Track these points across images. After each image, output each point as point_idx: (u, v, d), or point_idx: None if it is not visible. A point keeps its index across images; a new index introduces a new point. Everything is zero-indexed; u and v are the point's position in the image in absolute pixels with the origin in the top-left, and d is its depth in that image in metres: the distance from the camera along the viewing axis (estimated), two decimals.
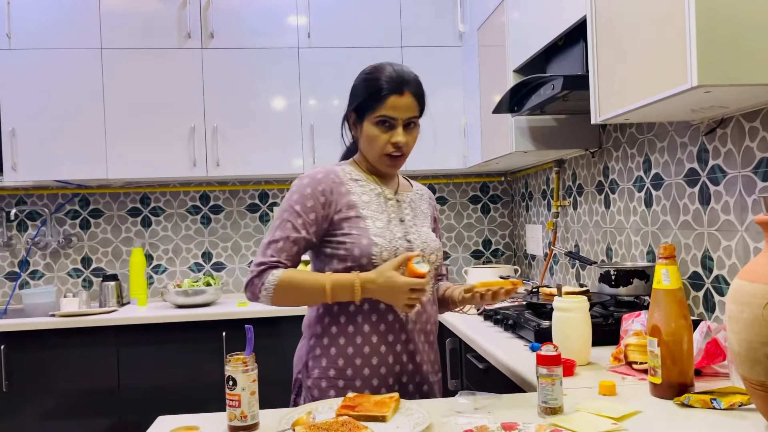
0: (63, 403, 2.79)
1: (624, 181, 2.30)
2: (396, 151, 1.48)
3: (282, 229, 1.44)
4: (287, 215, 1.45)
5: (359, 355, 1.44)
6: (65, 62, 3.03)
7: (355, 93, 1.51)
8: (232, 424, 1.17)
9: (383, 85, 1.45)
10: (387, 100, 1.44)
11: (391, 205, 1.54)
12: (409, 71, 1.50)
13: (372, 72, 1.49)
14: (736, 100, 1.49)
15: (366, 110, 1.47)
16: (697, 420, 1.14)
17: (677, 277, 1.27)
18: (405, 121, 1.47)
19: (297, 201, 1.45)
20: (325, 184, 1.47)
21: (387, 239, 1.45)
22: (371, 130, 1.47)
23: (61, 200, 3.41)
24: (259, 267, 1.42)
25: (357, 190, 1.51)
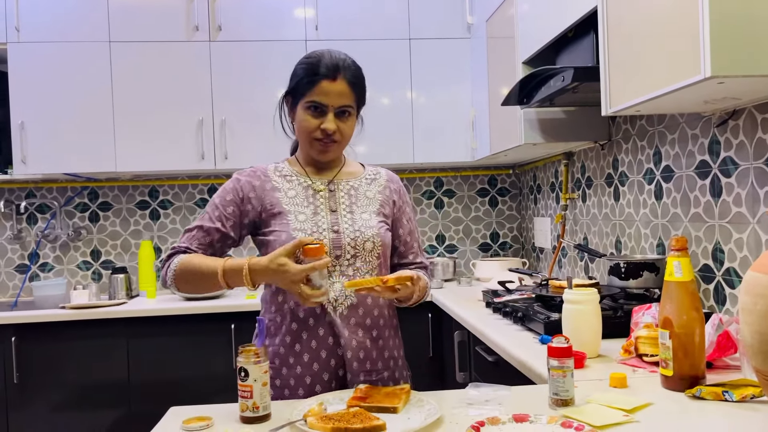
0: (73, 395, 2.81)
1: (634, 174, 2.29)
2: (325, 138, 1.45)
3: (200, 220, 1.48)
4: (207, 208, 1.50)
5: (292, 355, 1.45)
6: (74, 55, 3.04)
7: (290, 80, 1.49)
8: (244, 414, 1.18)
9: (316, 69, 1.42)
10: (318, 84, 1.41)
11: (320, 197, 1.51)
12: (349, 59, 1.47)
13: (308, 57, 1.47)
14: (750, 91, 1.47)
15: (298, 95, 1.45)
16: (709, 412, 1.14)
17: (689, 270, 1.26)
18: (337, 108, 1.44)
19: (218, 195, 1.50)
20: (246, 183, 1.49)
21: (307, 232, 1.44)
22: (302, 115, 1.45)
23: (70, 193, 3.42)
24: (168, 253, 1.46)
25: (284, 186, 1.51)
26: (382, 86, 3.18)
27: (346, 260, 1.47)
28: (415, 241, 1.64)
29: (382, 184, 1.61)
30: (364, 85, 1.50)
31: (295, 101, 1.47)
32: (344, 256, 1.46)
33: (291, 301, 1.46)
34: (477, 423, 1.09)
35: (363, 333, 1.47)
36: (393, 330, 1.56)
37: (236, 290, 3.33)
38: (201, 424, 1.15)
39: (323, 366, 1.45)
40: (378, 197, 1.58)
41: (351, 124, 1.49)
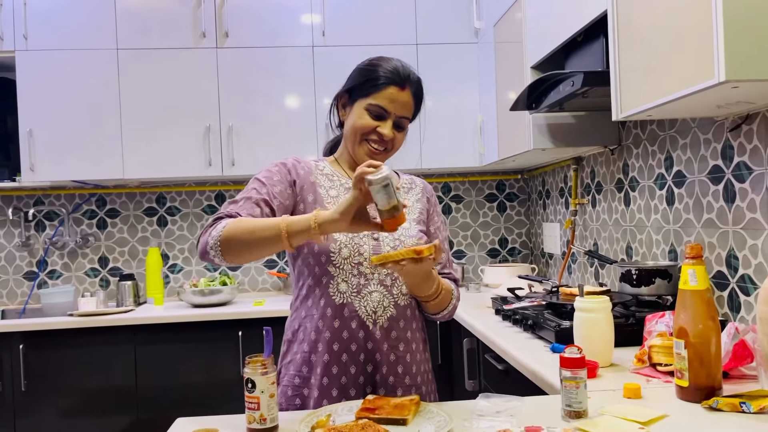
0: (81, 402, 2.80)
1: (644, 179, 2.27)
2: (379, 144, 1.40)
3: (246, 193, 1.38)
4: (251, 185, 1.39)
5: (320, 364, 1.38)
6: (82, 63, 3.04)
7: (352, 75, 1.45)
8: (251, 426, 1.16)
9: (386, 73, 1.39)
10: (386, 89, 1.38)
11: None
12: (415, 71, 1.45)
13: (378, 60, 1.43)
14: (764, 95, 1.45)
15: (360, 94, 1.40)
16: (726, 424, 1.11)
17: (705, 278, 1.23)
18: (397, 117, 1.40)
19: (263, 175, 1.41)
20: (292, 167, 1.44)
21: (349, 236, 1.38)
22: (359, 114, 1.39)
23: (78, 200, 3.42)
24: (212, 218, 1.33)
25: (325, 183, 1.46)
26: None
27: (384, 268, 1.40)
28: (445, 251, 1.56)
29: (419, 193, 1.57)
30: (423, 100, 1.48)
31: (353, 100, 1.42)
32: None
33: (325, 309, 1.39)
34: None
35: (403, 347, 1.42)
36: (424, 343, 1.52)
37: (243, 297, 3.32)
38: None
39: (351, 381, 1.39)
40: (417, 206, 1.54)
41: (403, 137, 1.44)
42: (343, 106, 1.46)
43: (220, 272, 3.47)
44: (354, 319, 1.38)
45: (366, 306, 1.39)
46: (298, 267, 1.44)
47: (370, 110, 1.39)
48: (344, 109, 1.45)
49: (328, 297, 1.39)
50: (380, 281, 1.41)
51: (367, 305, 1.39)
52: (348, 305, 1.38)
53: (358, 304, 1.38)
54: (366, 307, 1.39)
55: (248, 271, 3.51)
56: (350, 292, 1.38)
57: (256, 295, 3.39)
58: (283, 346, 1.47)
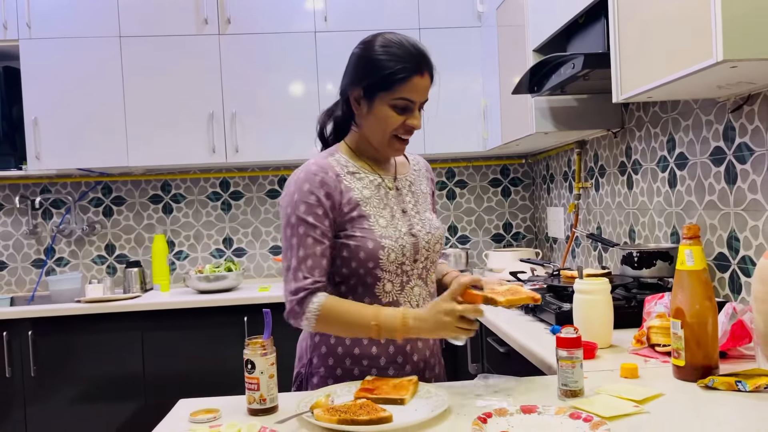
0: (89, 387, 2.84)
1: (647, 162, 2.26)
2: (407, 135, 1.37)
3: (304, 246, 1.31)
4: (303, 229, 1.32)
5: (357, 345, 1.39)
6: (85, 51, 3.05)
7: (362, 67, 1.34)
8: (251, 407, 1.18)
9: (405, 62, 1.30)
10: (409, 80, 1.30)
11: (392, 196, 1.42)
12: (423, 45, 1.36)
13: (388, 45, 1.32)
14: (764, 75, 1.44)
15: (380, 90, 1.32)
16: (721, 402, 1.12)
17: (701, 258, 1.24)
18: (421, 103, 1.37)
19: (306, 212, 1.32)
20: (326, 186, 1.34)
21: (393, 239, 1.36)
22: (385, 112, 1.33)
23: (84, 188, 3.45)
24: (296, 295, 1.30)
25: (356, 185, 1.38)
26: None
27: (421, 263, 1.42)
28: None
29: (424, 175, 1.55)
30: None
31: (373, 94, 1.33)
32: (420, 259, 1.41)
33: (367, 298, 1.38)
34: (484, 414, 1.08)
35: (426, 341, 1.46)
36: None
37: (249, 283, 3.35)
38: (208, 416, 1.15)
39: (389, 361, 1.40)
40: (427, 190, 1.53)
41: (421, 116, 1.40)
42: (356, 101, 1.37)
43: (225, 259, 3.50)
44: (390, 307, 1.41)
45: (410, 301, 1.41)
46: (336, 267, 1.38)
47: (397, 105, 1.33)
48: (358, 104, 1.37)
49: (374, 297, 1.38)
50: (418, 275, 1.43)
51: (411, 300, 1.41)
52: (394, 303, 1.39)
53: (403, 300, 1.40)
54: (410, 302, 1.41)
55: (254, 258, 3.53)
56: (395, 291, 1.39)
57: (261, 281, 3.42)
58: (315, 336, 1.43)
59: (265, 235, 3.54)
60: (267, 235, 3.54)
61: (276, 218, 3.55)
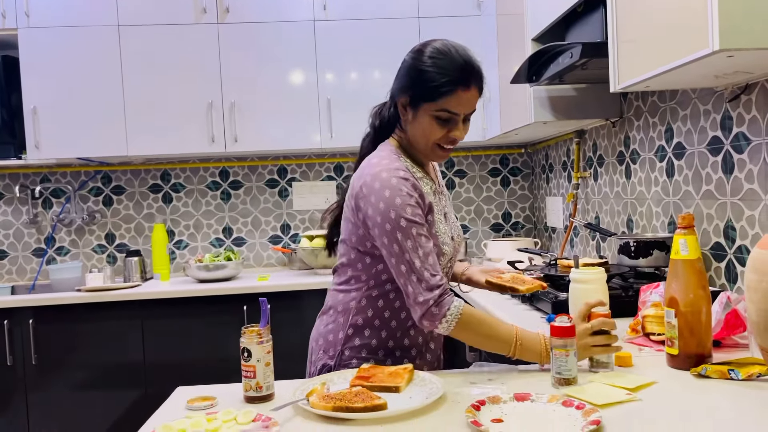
0: (90, 376, 2.86)
1: (645, 151, 2.26)
2: (450, 145, 1.38)
3: (422, 246, 1.29)
4: (416, 230, 1.29)
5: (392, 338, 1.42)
6: (83, 39, 3.05)
7: (411, 75, 1.35)
8: (248, 394, 1.19)
9: (450, 75, 1.31)
10: (453, 94, 1.31)
11: (439, 201, 1.46)
12: (476, 58, 1.36)
13: (436, 56, 1.33)
14: (761, 64, 1.43)
15: (424, 99, 1.33)
16: (713, 390, 1.12)
17: (696, 247, 1.24)
18: (466, 115, 1.36)
19: (413, 213, 1.30)
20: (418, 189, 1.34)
21: (449, 245, 1.41)
22: (427, 122, 1.34)
23: (84, 177, 3.46)
24: (432, 292, 1.27)
25: (426, 190, 1.39)
26: (391, 66, 3.13)
27: (451, 266, 1.48)
28: None
29: (440, 175, 1.58)
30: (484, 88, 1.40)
31: (416, 104, 1.35)
32: (453, 262, 1.48)
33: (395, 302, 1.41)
34: (477, 402, 1.09)
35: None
36: None
37: (248, 273, 3.36)
38: (205, 404, 1.16)
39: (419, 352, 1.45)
40: (448, 192, 1.58)
41: (469, 126, 1.40)
42: (403, 107, 1.39)
43: (225, 248, 3.51)
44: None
45: None
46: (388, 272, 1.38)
47: (440, 117, 1.33)
48: (404, 109, 1.39)
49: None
50: (446, 273, 1.45)
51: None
52: None
53: None
54: None
55: (253, 247, 3.54)
56: None
57: (260, 270, 3.43)
58: (348, 329, 1.43)
59: (264, 225, 3.55)
60: (266, 224, 3.55)
61: (276, 208, 3.55)
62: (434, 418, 1.07)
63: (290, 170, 3.56)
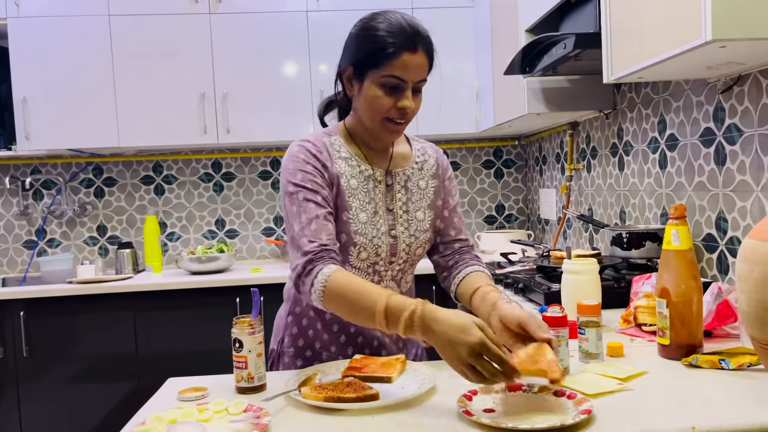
0: (82, 368, 2.85)
1: (638, 143, 2.26)
2: (400, 118, 1.27)
3: (306, 212, 1.23)
4: (302, 195, 1.24)
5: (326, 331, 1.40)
6: (74, 29, 3.02)
7: (354, 44, 1.28)
8: (239, 385, 1.19)
9: (393, 38, 1.22)
10: (398, 57, 1.22)
11: (379, 191, 1.36)
12: (421, 24, 1.27)
13: (376, 21, 1.26)
14: (754, 55, 1.43)
15: (369, 66, 1.24)
16: (704, 380, 1.13)
17: (687, 238, 1.24)
18: (414, 83, 1.26)
19: (302, 179, 1.26)
20: (322, 161, 1.29)
21: (368, 237, 1.30)
22: (373, 92, 1.25)
23: (75, 169, 3.43)
24: (300, 260, 1.19)
25: (346, 171, 1.32)
26: None
27: (397, 266, 1.38)
28: (456, 215, 1.47)
29: (433, 169, 1.46)
30: (435, 52, 1.30)
31: (361, 74, 1.26)
32: (397, 262, 1.37)
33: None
34: (470, 392, 1.09)
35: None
36: None
37: (241, 264, 3.35)
38: (196, 395, 1.16)
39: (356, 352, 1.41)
40: (431, 187, 1.44)
41: (420, 100, 1.30)
42: (348, 80, 1.31)
43: (217, 240, 3.50)
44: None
45: None
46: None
47: (385, 84, 1.25)
48: (350, 84, 1.31)
49: None
50: (392, 277, 1.39)
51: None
52: None
53: None
54: None
55: (246, 239, 3.53)
56: None
57: (254, 263, 3.42)
58: (288, 317, 1.43)
59: (257, 217, 3.53)
60: (260, 216, 3.54)
61: (269, 200, 3.54)
62: (426, 408, 1.07)
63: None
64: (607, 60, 1.67)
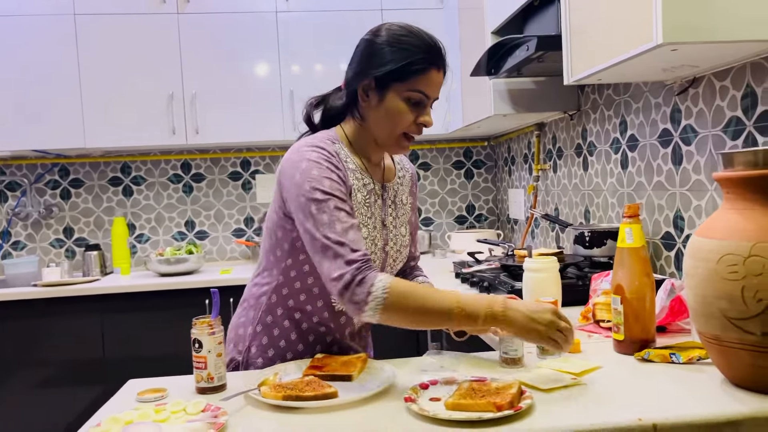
0: (48, 373, 2.81)
1: (601, 144, 2.30)
2: (418, 133, 1.28)
3: (339, 221, 1.18)
4: (333, 204, 1.19)
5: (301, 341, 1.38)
6: (39, 29, 2.97)
7: (381, 56, 1.24)
8: (199, 385, 1.18)
9: (424, 55, 1.23)
10: (427, 73, 1.23)
11: (378, 206, 1.36)
12: (441, 42, 1.29)
13: (407, 36, 1.24)
14: (706, 58, 1.48)
15: (395, 80, 1.23)
16: (655, 374, 1.16)
17: (640, 236, 1.28)
18: (432, 101, 1.28)
19: (332, 187, 1.21)
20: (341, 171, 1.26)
21: (369, 252, 1.28)
22: (397, 105, 1.24)
23: (40, 170, 3.38)
24: (351, 266, 1.13)
25: (354, 183, 1.29)
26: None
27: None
28: (416, 233, 1.54)
29: (409, 184, 1.48)
30: None
31: (384, 86, 1.24)
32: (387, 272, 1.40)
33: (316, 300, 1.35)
34: (429, 381, 1.12)
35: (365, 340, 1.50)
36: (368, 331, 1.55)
37: (211, 266, 3.33)
38: (156, 396, 1.16)
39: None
40: (408, 203, 1.46)
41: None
42: (364, 92, 1.27)
43: (187, 241, 3.47)
44: (347, 326, 1.41)
45: None
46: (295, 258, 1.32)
47: (410, 98, 1.24)
48: (366, 95, 1.27)
49: (328, 302, 1.36)
50: None
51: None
52: (346, 314, 1.38)
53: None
54: None
55: (216, 240, 3.51)
56: None
57: (224, 264, 3.40)
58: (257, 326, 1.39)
59: (227, 218, 3.52)
60: (230, 217, 3.52)
61: (239, 201, 3.52)
62: (383, 405, 1.08)
63: (253, 163, 3.53)
64: (567, 62, 1.70)
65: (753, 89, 1.50)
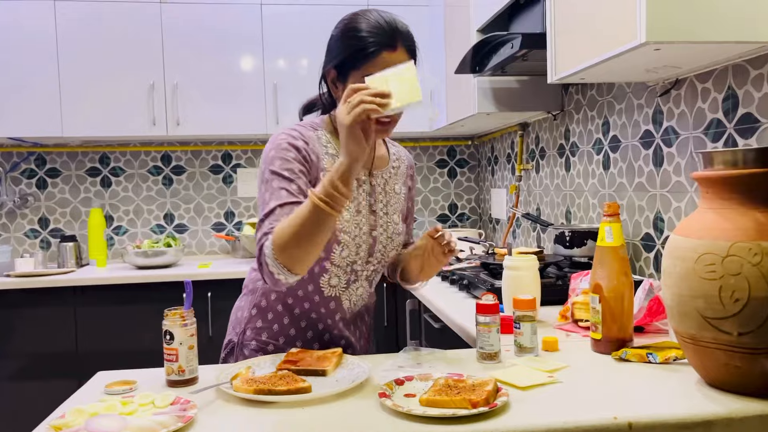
0: (20, 365, 2.75)
1: (584, 144, 2.31)
2: (386, 118, 1.24)
3: (277, 199, 1.22)
4: (277, 183, 1.23)
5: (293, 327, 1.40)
6: (17, 14, 2.91)
7: (335, 46, 1.28)
8: (170, 378, 1.16)
9: (372, 37, 1.22)
10: (378, 56, 1.22)
11: (363, 191, 1.37)
12: (400, 20, 1.27)
13: (356, 20, 1.25)
14: (688, 59, 1.48)
15: (350, 68, 1.24)
16: (632, 373, 1.15)
17: (620, 235, 1.27)
18: None
19: (280, 166, 1.24)
20: (305, 152, 1.27)
21: (351, 235, 1.32)
22: None
23: (16, 159, 3.31)
24: (258, 245, 1.19)
25: (331, 166, 1.30)
26: None
27: (372, 266, 1.40)
28: (411, 224, 1.57)
29: (404, 173, 1.49)
30: (417, 48, 1.30)
31: (344, 75, 1.26)
32: (373, 262, 1.40)
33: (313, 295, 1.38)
34: (405, 377, 1.10)
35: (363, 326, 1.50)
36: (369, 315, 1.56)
37: (190, 260, 3.29)
38: (123, 388, 1.13)
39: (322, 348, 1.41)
40: (403, 192, 1.48)
41: None
42: (333, 83, 1.31)
43: (166, 234, 3.42)
44: (338, 312, 1.41)
45: (350, 299, 1.42)
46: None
47: None
48: (335, 86, 1.30)
49: (318, 287, 1.37)
50: (366, 277, 1.42)
51: (351, 298, 1.42)
52: (336, 299, 1.40)
53: (345, 298, 1.41)
54: (350, 300, 1.42)
55: (195, 234, 3.47)
56: (340, 287, 1.39)
57: (203, 258, 3.36)
58: (252, 309, 1.42)
59: (207, 212, 3.47)
60: (210, 211, 3.48)
61: (219, 194, 3.48)
62: (357, 400, 1.06)
63: (235, 156, 3.49)
64: (551, 60, 1.70)
65: (734, 91, 1.51)
